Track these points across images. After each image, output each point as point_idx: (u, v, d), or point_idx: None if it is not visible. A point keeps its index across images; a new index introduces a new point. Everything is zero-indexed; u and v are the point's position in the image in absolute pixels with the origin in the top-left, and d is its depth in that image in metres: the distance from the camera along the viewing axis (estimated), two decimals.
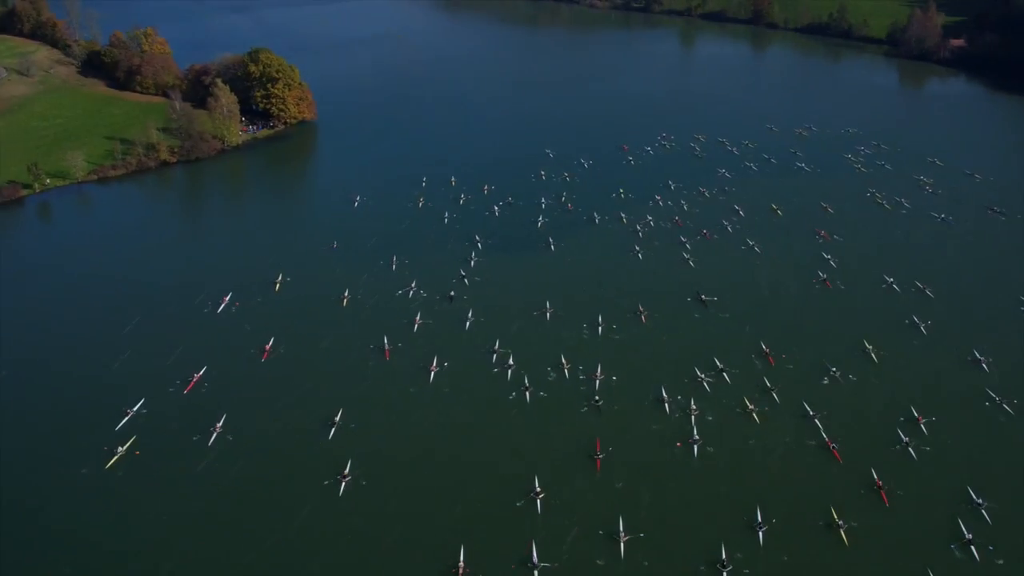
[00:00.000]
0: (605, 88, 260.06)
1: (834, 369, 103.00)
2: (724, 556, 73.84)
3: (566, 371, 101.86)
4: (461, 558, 73.56)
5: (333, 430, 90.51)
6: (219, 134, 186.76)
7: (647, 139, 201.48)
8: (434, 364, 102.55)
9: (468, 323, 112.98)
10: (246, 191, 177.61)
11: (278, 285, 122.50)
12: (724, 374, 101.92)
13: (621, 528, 76.74)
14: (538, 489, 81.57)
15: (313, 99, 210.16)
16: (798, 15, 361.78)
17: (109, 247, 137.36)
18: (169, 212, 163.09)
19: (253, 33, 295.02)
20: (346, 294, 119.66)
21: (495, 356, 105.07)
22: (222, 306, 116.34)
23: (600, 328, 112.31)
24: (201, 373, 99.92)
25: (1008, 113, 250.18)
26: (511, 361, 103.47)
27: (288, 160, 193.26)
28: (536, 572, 72.70)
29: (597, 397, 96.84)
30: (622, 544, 75.33)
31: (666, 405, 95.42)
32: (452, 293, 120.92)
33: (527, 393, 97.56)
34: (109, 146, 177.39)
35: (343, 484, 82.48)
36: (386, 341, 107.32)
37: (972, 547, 75.45)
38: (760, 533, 76.47)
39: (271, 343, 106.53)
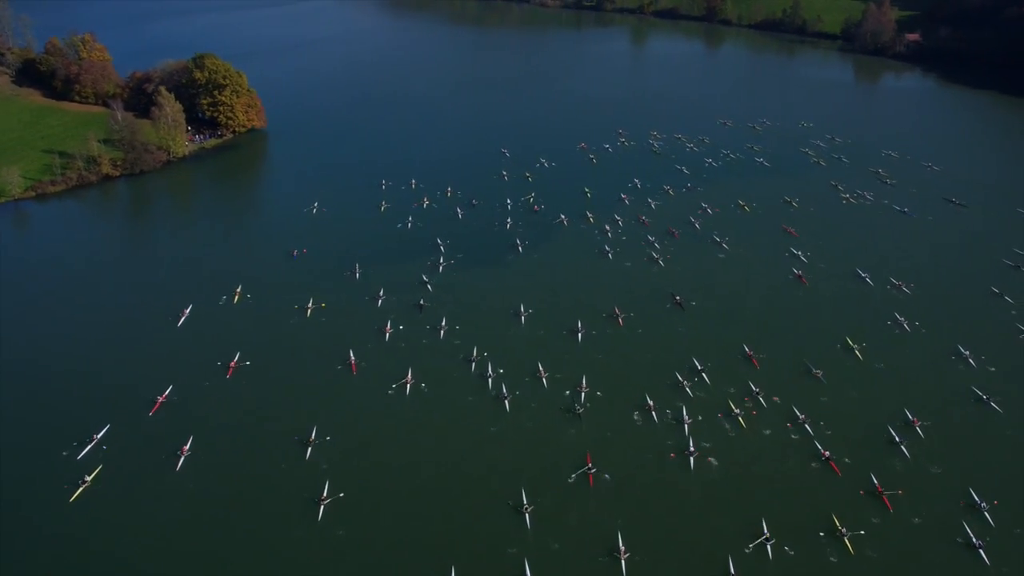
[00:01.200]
0: (558, 87, 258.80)
1: (817, 370, 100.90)
2: (732, 570, 70.68)
3: (544, 380, 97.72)
4: None
5: (309, 450, 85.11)
6: (164, 145, 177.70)
7: (604, 137, 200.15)
8: (409, 376, 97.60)
9: (442, 331, 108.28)
10: (196, 203, 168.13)
11: (237, 297, 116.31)
12: (708, 379, 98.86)
13: (621, 545, 73.01)
14: (528, 506, 77.43)
15: (262, 105, 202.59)
16: (751, 12, 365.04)
17: (52, 267, 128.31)
18: (115, 228, 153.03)
19: (196, 38, 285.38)
20: (310, 304, 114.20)
21: (473, 365, 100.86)
22: (182, 320, 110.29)
23: (580, 334, 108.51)
24: (167, 393, 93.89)
25: (962, 105, 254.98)
26: (490, 370, 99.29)
27: (239, 170, 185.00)
28: None
29: (579, 406, 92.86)
30: (623, 561, 71.55)
31: (653, 413, 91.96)
32: (422, 301, 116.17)
33: (506, 402, 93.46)
34: (47, 160, 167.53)
35: (322, 507, 77.22)
36: (352, 355, 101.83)
37: (980, 551, 73.58)
38: (768, 547, 73.31)
39: (236, 359, 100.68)
